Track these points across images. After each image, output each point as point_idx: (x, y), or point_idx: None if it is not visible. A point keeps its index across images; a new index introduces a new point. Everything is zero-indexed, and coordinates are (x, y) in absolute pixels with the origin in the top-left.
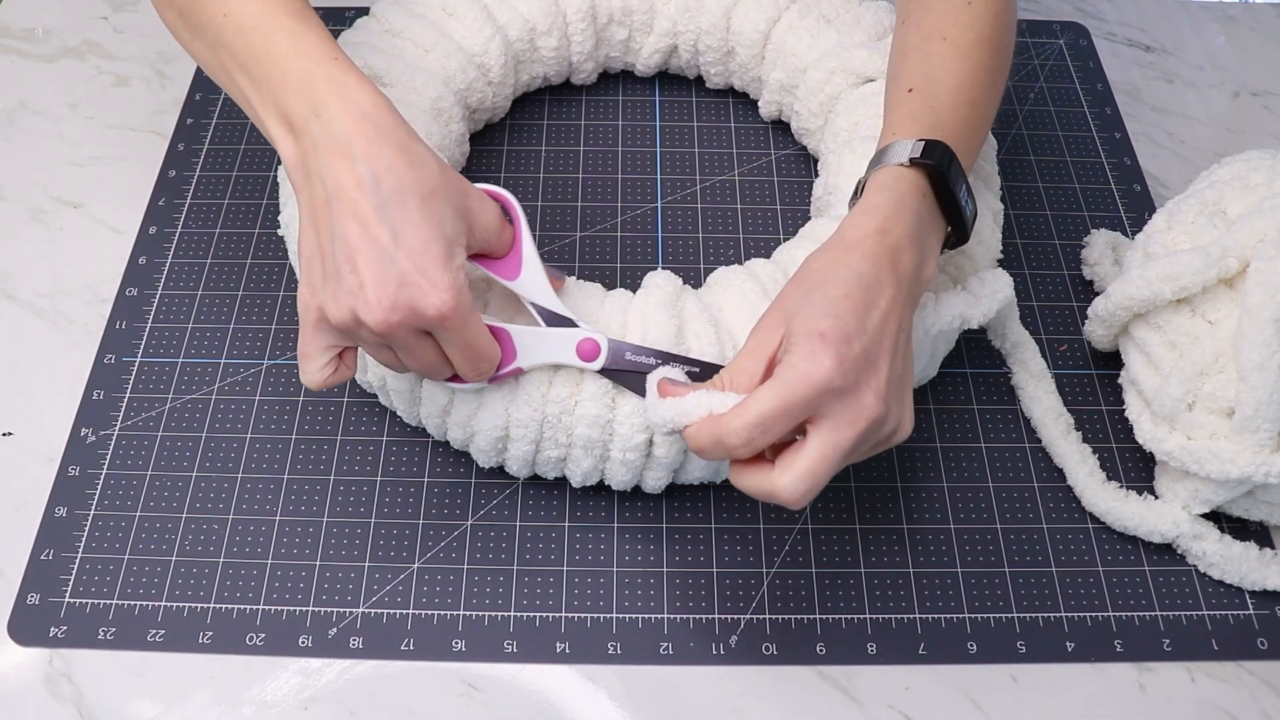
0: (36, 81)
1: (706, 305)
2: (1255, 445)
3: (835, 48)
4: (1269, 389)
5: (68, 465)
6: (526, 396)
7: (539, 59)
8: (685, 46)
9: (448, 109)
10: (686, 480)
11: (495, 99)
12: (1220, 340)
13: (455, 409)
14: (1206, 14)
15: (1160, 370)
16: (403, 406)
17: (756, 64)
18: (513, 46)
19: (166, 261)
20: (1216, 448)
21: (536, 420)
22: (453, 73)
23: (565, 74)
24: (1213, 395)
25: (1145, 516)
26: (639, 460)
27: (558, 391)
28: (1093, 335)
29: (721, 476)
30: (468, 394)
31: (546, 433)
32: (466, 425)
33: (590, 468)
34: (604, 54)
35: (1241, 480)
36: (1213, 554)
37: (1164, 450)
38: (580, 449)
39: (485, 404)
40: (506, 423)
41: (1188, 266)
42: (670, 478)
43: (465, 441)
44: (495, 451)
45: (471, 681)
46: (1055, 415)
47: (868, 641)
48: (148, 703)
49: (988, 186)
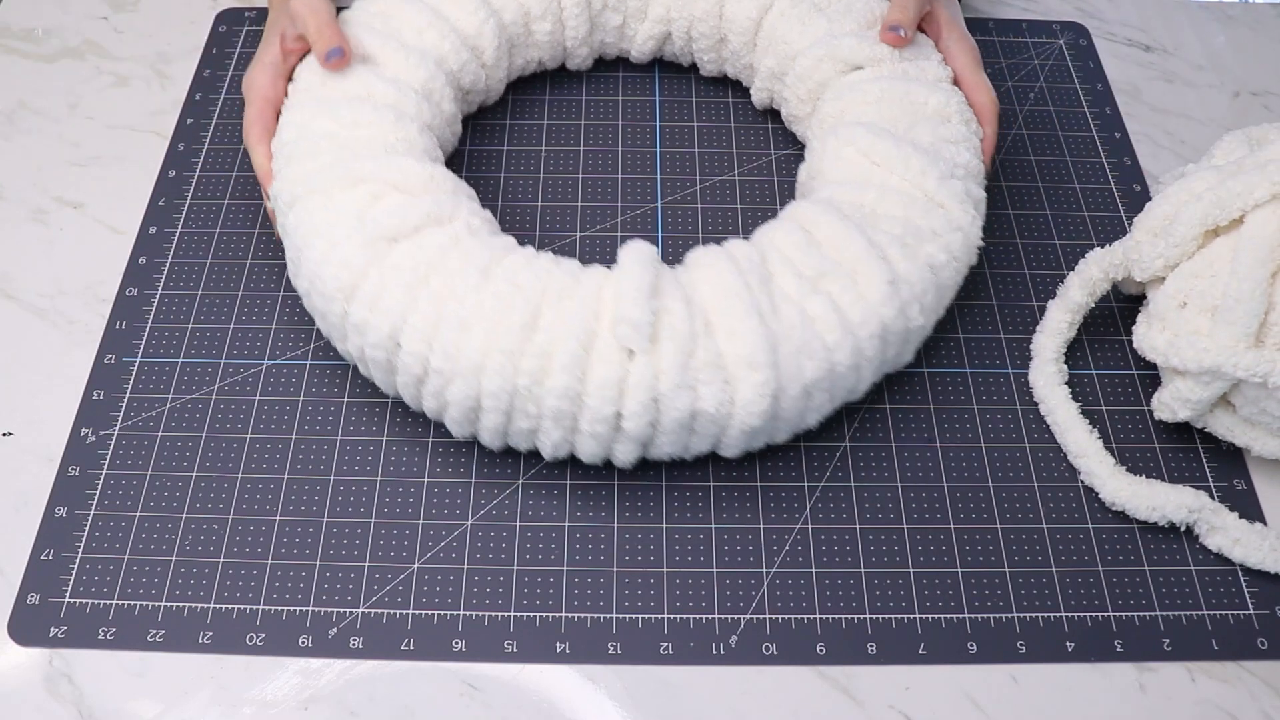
0: (36, 81)
1: (681, 283)
2: (1232, 338)
3: (825, 35)
4: (1256, 282)
5: (68, 465)
6: (498, 368)
7: (533, 43)
8: (679, 33)
9: (439, 89)
10: (655, 456)
11: (489, 81)
12: (1220, 246)
13: (429, 380)
14: (1206, 14)
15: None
16: (380, 376)
17: (748, 51)
18: (507, 30)
19: (166, 261)
20: (1196, 339)
21: (507, 392)
22: (446, 54)
23: (560, 59)
24: (1204, 294)
25: (1169, 496)
26: (608, 433)
27: (528, 364)
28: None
29: (692, 454)
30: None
31: (517, 404)
32: (439, 396)
33: (560, 439)
34: (599, 39)
35: (1214, 371)
36: (1234, 528)
37: (1152, 346)
38: (550, 420)
39: (458, 376)
40: (479, 393)
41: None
42: (640, 452)
43: (439, 411)
44: (468, 422)
45: (471, 681)
46: (1070, 408)
47: (868, 641)
48: (148, 703)
49: (973, 177)
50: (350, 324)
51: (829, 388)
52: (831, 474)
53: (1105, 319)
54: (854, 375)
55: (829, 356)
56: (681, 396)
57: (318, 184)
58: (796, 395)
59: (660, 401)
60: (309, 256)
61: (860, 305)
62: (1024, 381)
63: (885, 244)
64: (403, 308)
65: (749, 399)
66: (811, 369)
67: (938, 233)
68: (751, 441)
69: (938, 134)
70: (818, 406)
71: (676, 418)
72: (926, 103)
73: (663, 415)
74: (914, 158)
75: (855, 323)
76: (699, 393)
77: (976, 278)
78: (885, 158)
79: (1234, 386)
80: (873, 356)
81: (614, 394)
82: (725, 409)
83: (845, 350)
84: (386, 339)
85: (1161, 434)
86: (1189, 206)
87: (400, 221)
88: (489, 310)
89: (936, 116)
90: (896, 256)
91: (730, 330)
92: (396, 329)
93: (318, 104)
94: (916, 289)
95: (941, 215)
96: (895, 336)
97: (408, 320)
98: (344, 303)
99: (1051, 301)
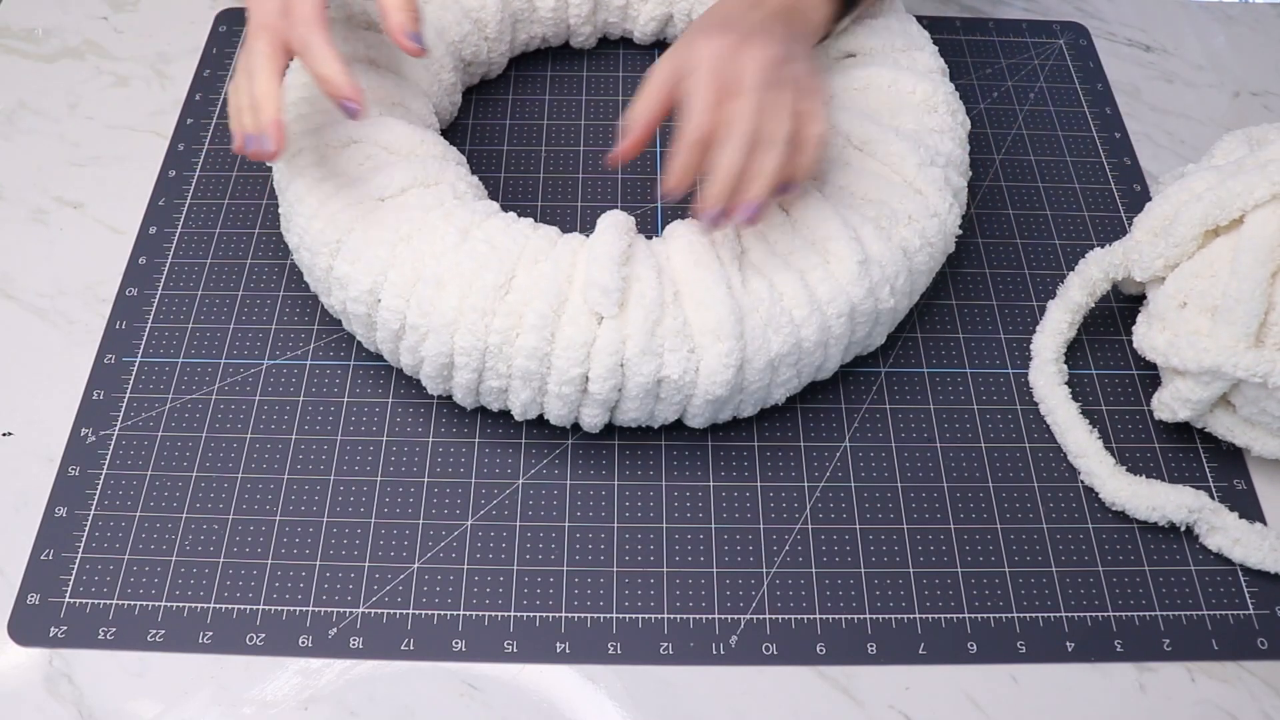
0: (36, 81)
1: (655, 253)
2: (1232, 338)
3: None
4: (1256, 282)
5: (68, 465)
6: (470, 326)
7: (537, 19)
8: (681, 15)
9: (439, 59)
10: (622, 421)
11: (491, 55)
12: (1220, 246)
13: (406, 335)
14: (1206, 14)
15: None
16: (361, 331)
17: None
18: (510, 4)
19: (166, 261)
20: (1196, 339)
21: (479, 349)
22: (448, 24)
23: (564, 36)
24: (1204, 294)
25: (1169, 496)
26: (574, 395)
27: (500, 323)
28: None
29: (658, 421)
30: (417, 324)
31: (489, 362)
32: (415, 351)
33: (529, 399)
34: (602, 19)
35: (1214, 371)
36: (1234, 528)
37: (1152, 346)
38: (519, 379)
39: (432, 331)
40: (451, 350)
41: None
42: (607, 416)
43: (415, 367)
44: (442, 378)
45: (471, 681)
46: (1070, 408)
47: (868, 641)
48: (148, 703)
49: (955, 166)
50: (334, 278)
51: (795, 363)
52: (831, 474)
53: (1105, 319)
54: (821, 352)
55: (796, 332)
56: (647, 363)
57: (312, 143)
58: (761, 368)
59: (627, 366)
60: (299, 211)
61: (829, 283)
62: (1024, 381)
63: (859, 225)
64: (384, 264)
65: (713, 369)
66: (778, 343)
67: (914, 218)
68: (718, 412)
69: (922, 122)
70: (784, 381)
71: (641, 383)
72: (914, 91)
73: (629, 380)
74: (895, 143)
75: (824, 300)
76: (665, 360)
77: (976, 278)
78: (866, 141)
79: (1234, 386)
80: (840, 335)
81: (581, 356)
82: (690, 377)
83: (812, 326)
84: (367, 294)
85: (1161, 434)
86: (1189, 206)
87: (387, 181)
88: (465, 269)
89: (923, 105)
90: (870, 238)
91: (699, 300)
92: (377, 285)
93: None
94: (888, 271)
95: (919, 201)
96: (864, 317)
97: (388, 277)
98: (329, 258)
99: (1051, 301)
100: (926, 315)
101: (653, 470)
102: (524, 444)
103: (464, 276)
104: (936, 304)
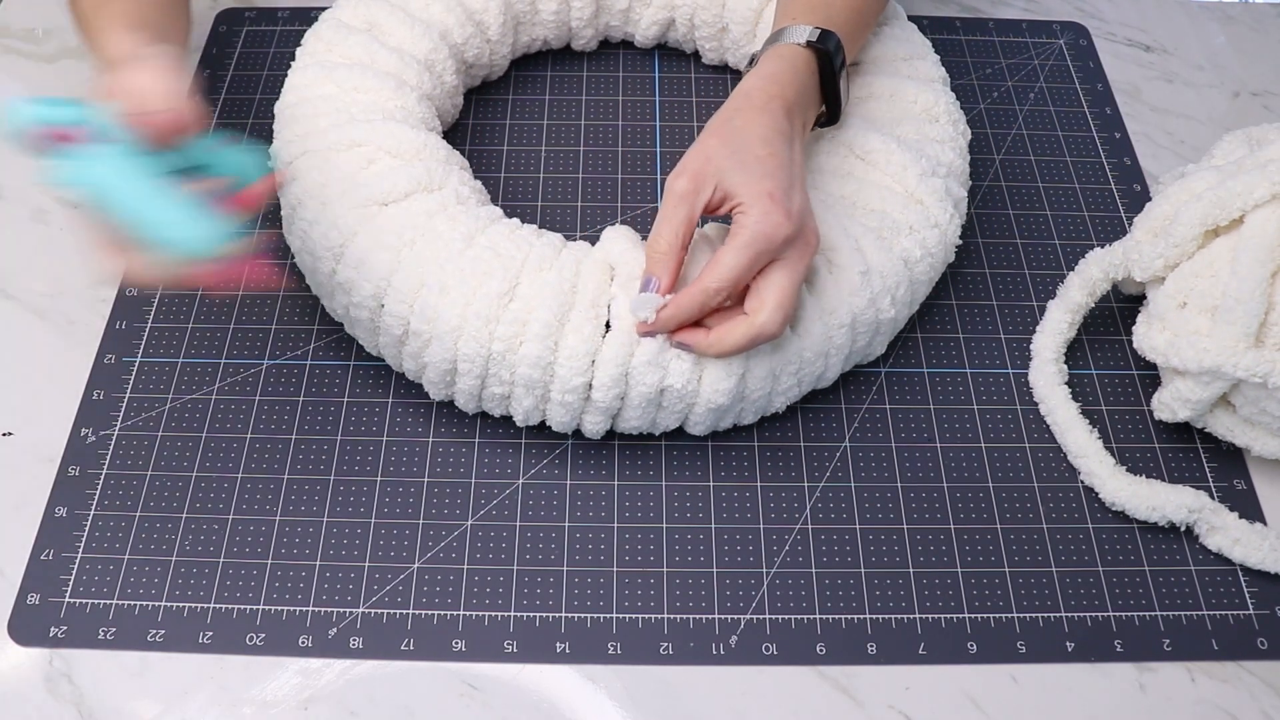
0: (36, 81)
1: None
2: (1232, 338)
3: None
4: (1256, 282)
5: (68, 465)
6: (474, 333)
7: (539, 22)
8: (682, 20)
9: (441, 61)
10: (624, 429)
11: (493, 57)
12: (1220, 246)
13: (409, 341)
14: (1206, 14)
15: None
16: (364, 336)
17: (748, 41)
18: (513, 7)
19: None
20: (1196, 339)
21: (482, 356)
22: (450, 27)
23: (565, 39)
24: (1204, 294)
25: (1169, 496)
26: (577, 403)
27: (503, 330)
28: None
29: (660, 429)
30: (421, 329)
31: (491, 369)
32: (418, 357)
33: (531, 406)
34: (604, 22)
35: (1214, 371)
36: (1235, 528)
37: (1152, 346)
38: (522, 387)
39: (435, 338)
40: (455, 357)
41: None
42: (609, 423)
43: (418, 373)
44: (444, 384)
45: (471, 681)
46: (1070, 408)
47: (868, 641)
48: (148, 703)
49: (955, 177)
50: (337, 283)
51: (796, 372)
52: (831, 474)
53: (1105, 319)
54: (822, 362)
55: (797, 342)
56: (651, 373)
57: (314, 145)
58: (763, 377)
59: (631, 375)
60: (301, 215)
61: (831, 293)
62: (1024, 381)
63: (861, 235)
64: (387, 270)
65: (716, 378)
66: (779, 352)
67: (914, 228)
68: (719, 420)
69: (923, 132)
70: (784, 390)
71: (645, 393)
72: (915, 101)
73: (632, 389)
74: (896, 153)
75: (825, 310)
76: (669, 369)
77: (976, 278)
78: (868, 151)
79: (1234, 386)
80: (841, 344)
81: (584, 365)
82: (693, 386)
83: (814, 336)
84: (370, 299)
85: (1161, 434)
86: (1189, 206)
87: (391, 186)
88: (469, 276)
89: (924, 115)
90: (871, 248)
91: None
92: (380, 290)
93: (320, 68)
94: (889, 281)
95: (920, 211)
96: (865, 327)
97: (391, 282)
98: (332, 262)
99: (1051, 301)
100: (926, 315)
101: (652, 470)
102: (524, 444)
103: (467, 283)
104: (937, 304)
